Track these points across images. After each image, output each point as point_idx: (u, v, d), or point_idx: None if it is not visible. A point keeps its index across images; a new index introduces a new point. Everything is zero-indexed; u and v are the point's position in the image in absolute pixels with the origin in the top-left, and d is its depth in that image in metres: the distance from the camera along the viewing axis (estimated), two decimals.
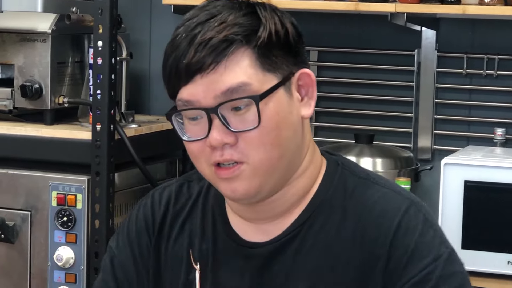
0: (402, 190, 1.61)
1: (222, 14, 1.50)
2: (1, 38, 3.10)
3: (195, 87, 1.47)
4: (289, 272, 1.56)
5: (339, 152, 2.85)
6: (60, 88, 3.07)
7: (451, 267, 1.46)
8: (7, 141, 3.03)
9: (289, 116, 1.51)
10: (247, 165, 1.49)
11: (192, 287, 1.62)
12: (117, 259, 1.72)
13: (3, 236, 2.96)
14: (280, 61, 1.50)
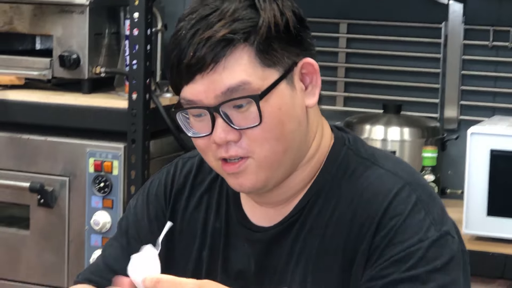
0: (401, 170, 1.57)
1: (221, 8, 1.47)
2: (40, 10, 3.11)
3: (196, 87, 1.47)
4: (289, 256, 1.58)
5: (367, 123, 2.92)
6: (97, 58, 3.10)
7: (437, 250, 1.46)
8: (46, 109, 3.07)
9: (292, 109, 1.50)
10: (253, 160, 1.49)
11: (202, 265, 1.67)
12: (132, 217, 1.75)
13: (43, 201, 3.01)
14: (281, 54, 1.48)
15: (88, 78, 3.08)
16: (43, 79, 3.13)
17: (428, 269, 1.44)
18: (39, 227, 3.07)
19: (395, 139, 2.93)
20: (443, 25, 3.11)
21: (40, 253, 3.05)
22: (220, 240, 1.66)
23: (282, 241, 1.59)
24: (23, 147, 3.10)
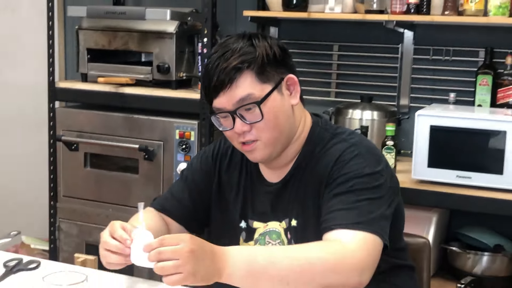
0: (351, 138, 1.59)
1: (232, 48, 1.51)
2: (145, 36, 3.13)
3: (221, 99, 1.52)
4: (289, 199, 1.62)
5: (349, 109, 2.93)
6: (180, 67, 3.11)
7: (369, 179, 1.49)
8: (148, 99, 3.08)
9: (282, 108, 1.55)
10: (260, 142, 1.54)
11: (238, 205, 1.69)
12: (192, 169, 1.76)
13: (146, 156, 3.04)
14: (272, 74, 1.54)
15: (175, 80, 3.09)
16: (146, 80, 3.15)
17: (361, 187, 1.47)
18: (144, 173, 3.11)
19: (368, 118, 2.93)
20: (400, 45, 3.08)
21: (144, 189, 3.10)
22: (247, 190, 1.69)
23: (285, 190, 1.64)
24: (134, 123, 3.12)
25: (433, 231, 2.71)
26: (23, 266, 1.73)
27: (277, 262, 1.31)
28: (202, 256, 1.24)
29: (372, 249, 1.40)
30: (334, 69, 3.24)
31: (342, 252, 1.35)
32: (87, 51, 3.26)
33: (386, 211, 1.49)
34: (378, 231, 1.42)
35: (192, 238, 1.25)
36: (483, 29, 2.90)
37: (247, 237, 1.67)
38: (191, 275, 1.22)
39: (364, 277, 1.36)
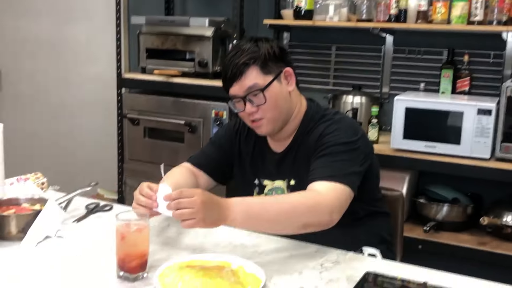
0: (334, 116, 1.60)
1: (242, 48, 1.52)
2: (189, 39, 3.12)
3: (234, 88, 1.52)
4: (289, 165, 1.62)
5: (344, 95, 2.91)
6: (215, 62, 3.10)
7: (344, 145, 1.50)
8: (191, 86, 3.07)
9: (281, 94, 1.55)
10: (265, 119, 1.55)
11: (253, 167, 1.69)
12: (219, 135, 1.76)
13: (190, 130, 3.05)
14: (273, 67, 1.53)
15: (211, 72, 3.09)
16: (190, 72, 3.14)
17: (337, 151, 1.49)
18: (188, 142, 3.11)
19: (357, 102, 2.92)
20: (383, 46, 3.06)
21: (188, 154, 3.02)
22: (259, 156, 1.69)
23: (286, 158, 1.64)
24: (181, 105, 3.12)
25: (406, 187, 2.71)
26: (100, 208, 1.76)
27: (269, 208, 1.33)
28: (211, 206, 1.24)
29: (340, 195, 1.41)
30: (332, 65, 3.22)
31: (317, 198, 1.37)
32: (145, 50, 3.27)
33: (357, 169, 1.49)
34: (348, 182, 1.43)
35: (203, 192, 1.25)
36: (446, 34, 2.88)
37: (259, 191, 1.69)
38: (202, 220, 1.23)
39: (333, 216, 1.38)
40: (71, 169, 4.02)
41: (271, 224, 1.34)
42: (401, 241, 1.89)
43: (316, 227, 1.37)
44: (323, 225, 1.37)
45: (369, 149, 1.59)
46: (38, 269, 1.31)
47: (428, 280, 1.26)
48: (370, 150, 1.60)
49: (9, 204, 1.57)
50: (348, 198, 1.44)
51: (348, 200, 1.44)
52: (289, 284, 1.25)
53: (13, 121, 4.07)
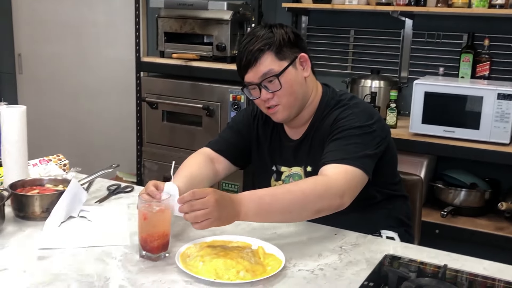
0: (350, 101, 1.58)
1: (257, 34, 1.50)
2: (207, 22, 3.11)
3: (249, 75, 1.50)
4: (305, 151, 1.61)
5: (362, 79, 2.90)
6: (233, 46, 3.08)
7: (358, 129, 1.48)
8: (210, 70, 3.07)
9: (296, 79, 1.52)
10: (280, 106, 1.53)
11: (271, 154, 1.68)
12: (236, 120, 1.75)
13: (208, 113, 3.06)
14: (288, 53, 1.51)
15: (229, 56, 3.08)
16: (208, 56, 3.14)
17: (350, 135, 1.48)
18: (205, 126, 3.12)
19: (376, 86, 2.90)
20: (402, 30, 3.03)
21: (205, 137, 3.02)
22: (277, 143, 1.68)
23: (302, 145, 1.62)
24: (199, 88, 3.12)
25: (424, 172, 2.70)
26: (121, 189, 1.78)
27: (279, 198, 1.30)
28: (224, 204, 1.22)
29: (351, 179, 1.39)
30: (350, 49, 3.20)
31: (327, 182, 1.36)
32: (164, 34, 3.26)
33: (370, 152, 1.46)
34: (360, 165, 1.41)
35: (215, 191, 1.23)
36: (467, 18, 2.85)
37: (276, 178, 1.69)
38: (217, 219, 1.21)
39: (344, 199, 1.36)
40: (90, 152, 4.06)
41: (283, 214, 1.32)
42: (419, 225, 1.89)
43: (327, 211, 1.36)
44: (334, 208, 1.36)
45: (385, 133, 1.56)
46: (61, 248, 1.33)
47: (448, 263, 1.26)
48: (387, 134, 1.58)
49: (32, 185, 1.60)
50: (361, 181, 1.42)
51: (361, 183, 1.43)
52: (309, 265, 1.26)
53: (34, 104, 4.12)
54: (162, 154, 3.28)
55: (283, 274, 1.21)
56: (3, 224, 1.43)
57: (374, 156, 1.48)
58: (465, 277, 1.23)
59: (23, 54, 4.31)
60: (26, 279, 1.17)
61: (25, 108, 1.61)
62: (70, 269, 1.22)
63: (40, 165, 1.80)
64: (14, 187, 1.54)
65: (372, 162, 1.47)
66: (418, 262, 1.29)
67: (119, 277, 1.19)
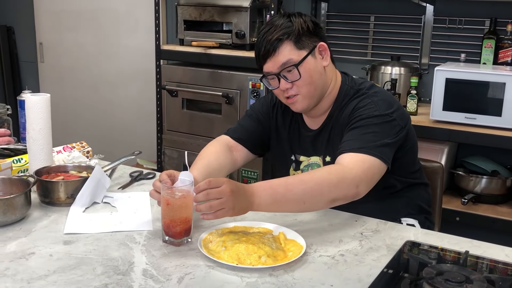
0: (369, 90, 1.56)
1: (275, 24, 1.49)
2: (226, 10, 3.11)
3: (268, 65, 1.50)
4: (324, 141, 1.60)
5: (382, 65, 2.88)
6: (253, 33, 3.09)
7: (376, 118, 1.46)
8: (229, 58, 3.08)
9: (315, 69, 1.51)
10: (300, 95, 1.52)
11: (291, 142, 1.68)
12: (255, 109, 1.73)
13: (227, 101, 3.07)
14: (307, 42, 1.49)
15: (248, 43, 3.08)
16: (227, 43, 3.14)
17: (368, 123, 1.45)
18: (225, 113, 3.14)
19: (396, 73, 2.88)
20: (423, 16, 3.00)
21: (225, 125, 3.05)
22: (295, 132, 1.67)
23: (321, 135, 1.62)
24: (218, 76, 3.13)
25: (445, 159, 2.68)
26: (143, 176, 1.80)
27: (293, 188, 1.28)
28: (238, 193, 1.21)
29: (368, 168, 1.37)
30: (370, 35, 3.18)
31: (341, 172, 1.34)
32: (183, 22, 3.27)
33: (389, 141, 1.45)
34: (377, 154, 1.40)
35: (229, 180, 1.22)
36: (489, 3, 2.80)
37: (295, 167, 1.68)
38: (231, 209, 1.21)
39: (360, 188, 1.34)
40: (111, 140, 4.11)
41: (297, 205, 1.30)
42: (439, 212, 1.88)
43: (342, 200, 1.35)
44: (349, 197, 1.34)
45: (405, 121, 1.54)
46: (86, 233, 1.36)
47: (469, 249, 1.25)
48: (407, 122, 1.56)
49: (57, 171, 1.63)
50: (378, 170, 1.41)
51: (379, 172, 1.41)
52: (329, 251, 1.27)
53: (55, 92, 4.17)
54: (182, 142, 3.31)
55: (304, 260, 1.22)
56: (30, 210, 1.46)
57: (393, 145, 1.47)
58: (486, 263, 1.23)
59: (45, 43, 4.36)
60: (53, 263, 1.20)
61: (49, 96, 1.63)
62: (95, 254, 1.25)
63: (64, 152, 1.83)
64: (40, 173, 1.57)
65: (390, 151, 1.45)
66: (439, 248, 1.29)
67: (142, 261, 1.21)
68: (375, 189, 1.41)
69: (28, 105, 1.61)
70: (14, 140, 1.91)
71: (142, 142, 3.91)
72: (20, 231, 1.36)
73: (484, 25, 2.86)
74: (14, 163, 1.69)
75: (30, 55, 4.43)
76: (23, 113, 1.89)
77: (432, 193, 1.80)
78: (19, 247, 1.27)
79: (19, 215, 1.41)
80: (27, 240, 1.31)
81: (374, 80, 2.92)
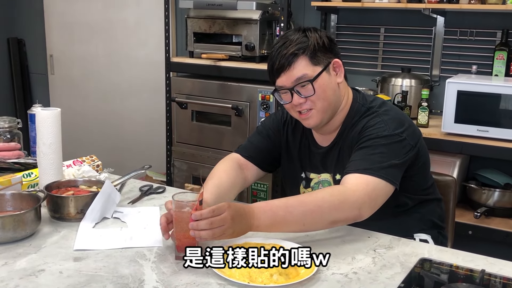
0: (379, 109, 1.54)
1: (290, 38, 1.48)
2: (236, 22, 3.12)
3: (282, 79, 1.48)
4: (334, 159, 1.58)
5: (393, 77, 2.87)
6: (262, 45, 3.09)
7: (385, 138, 1.44)
8: (239, 70, 3.08)
9: (329, 85, 1.49)
10: (314, 110, 1.50)
11: (301, 159, 1.66)
12: (265, 125, 1.72)
13: (237, 113, 3.06)
14: (322, 58, 1.48)
15: (258, 55, 3.08)
16: (237, 55, 3.14)
17: (376, 144, 1.43)
18: (235, 125, 3.13)
19: (407, 85, 2.87)
20: (433, 28, 2.99)
21: (234, 137, 3.11)
22: (306, 150, 1.66)
23: (331, 152, 1.60)
24: (228, 88, 3.13)
25: (457, 171, 2.66)
26: (153, 190, 1.80)
27: (293, 210, 1.28)
28: (239, 219, 1.22)
29: (372, 190, 1.35)
30: (380, 47, 3.17)
31: (343, 193, 1.33)
32: (193, 34, 3.28)
33: (397, 161, 1.43)
34: (383, 175, 1.38)
35: (230, 206, 1.22)
36: (501, 14, 2.79)
37: (306, 185, 1.67)
38: (231, 234, 1.22)
39: (362, 211, 1.33)
40: (121, 152, 4.11)
41: (297, 226, 1.31)
42: (452, 226, 1.86)
43: (344, 222, 1.35)
44: (351, 219, 1.34)
45: (416, 140, 1.52)
46: (96, 249, 1.35)
47: (485, 267, 1.23)
48: (418, 140, 1.54)
49: (67, 186, 1.63)
50: (383, 192, 1.39)
51: (384, 194, 1.39)
52: (342, 268, 1.25)
53: (65, 104, 4.19)
54: (192, 154, 3.31)
55: (316, 278, 1.20)
56: (40, 225, 1.45)
57: (401, 166, 1.45)
58: (502, 281, 1.20)
59: (55, 55, 4.38)
60: (63, 280, 1.19)
61: (59, 111, 1.63)
62: (105, 271, 1.24)
63: (74, 166, 1.83)
64: (50, 188, 1.56)
65: (399, 172, 1.44)
66: (454, 266, 1.27)
67: (153, 278, 1.20)
68: (386, 207, 1.39)
69: (38, 120, 1.61)
70: (24, 154, 1.91)
71: (151, 154, 3.91)
72: (30, 247, 1.36)
73: (495, 36, 2.84)
74: (24, 177, 1.69)
75: (41, 67, 4.46)
76: (33, 127, 1.90)
77: (445, 207, 1.78)
78: (29, 263, 1.26)
79: (29, 231, 1.40)
80: (37, 256, 1.30)
81: (384, 92, 2.90)
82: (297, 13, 3.22)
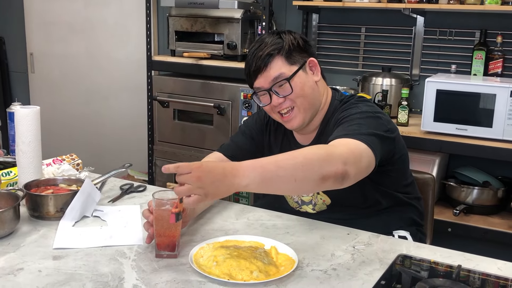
0: (355, 101, 1.55)
1: (265, 41, 1.50)
2: (218, 21, 3.12)
3: (259, 80, 1.50)
4: None
5: (373, 76, 2.88)
6: (244, 44, 3.10)
7: (361, 114, 1.45)
8: (220, 69, 3.09)
9: (307, 83, 1.51)
10: (296, 108, 1.52)
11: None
12: (248, 125, 1.72)
13: (219, 112, 3.06)
14: (297, 58, 1.50)
15: (240, 54, 3.09)
16: (219, 54, 3.15)
17: (354, 118, 1.45)
18: (216, 124, 3.13)
19: (387, 84, 2.89)
20: (413, 28, 3.02)
21: (216, 136, 3.11)
22: (287, 149, 1.59)
23: None
24: (210, 87, 3.13)
25: (436, 170, 2.69)
26: (134, 189, 1.79)
27: (283, 165, 1.19)
28: (211, 179, 1.12)
29: (353, 148, 1.31)
30: (361, 46, 3.19)
31: (329, 149, 1.29)
32: (175, 32, 3.28)
33: (376, 132, 1.39)
34: (364, 139, 1.34)
35: (200, 167, 1.12)
36: (479, 15, 2.83)
37: None
38: (204, 195, 1.12)
39: (348, 166, 1.24)
40: (102, 150, 4.08)
41: (289, 183, 1.21)
42: (431, 224, 1.88)
43: (333, 179, 1.23)
44: (339, 175, 1.23)
45: (392, 128, 1.51)
46: (76, 247, 1.34)
47: (462, 263, 1.25)
48: (394, 131, 1.52)
49: (46, 185, 1.61)
50: (366, 155, 1.33)
51: (366, 156, 1.33)
52: (322, 265, 1.26)
53: (46, 102, 4.15)
54: (174, 153, 3.30)
55: (296, 274, 1.21)
56: (18, 224, 1.44)
57: (381, 138, 1.40)
58: (479, 277, 1.22)
59: (35, 54, 4.34)
60: (42, 279, 1.18)
61: (39, 109, 1.62)
62: (85, 269, 1.23)
63: (53, 165, 1.82)
64: (29, 187, 1.55)
65: (378, 141, 1.38)
66: (431, 262, 1.28)
67: (133, 276, 1.20)
68: (366, 206, 1.41)
69: (17, 118, 1.59)
70: (3, 153, 1.89)
71: (133, 153, 3.89)
72: (9, 246, 1.34)
73: (474, 36, 2.88)
74: (3, 176, 1.67)
75: (21, 66, 4.41)
76: (12, 125, 1.87)
77: (424, 204, 1.80)
78: (7, 262, 1.25)
79: (7, 230, 1.39)
80: (15, 255, 1.29)
81: (365, 91, 2.92)
82: (279, 13, 3.23)
